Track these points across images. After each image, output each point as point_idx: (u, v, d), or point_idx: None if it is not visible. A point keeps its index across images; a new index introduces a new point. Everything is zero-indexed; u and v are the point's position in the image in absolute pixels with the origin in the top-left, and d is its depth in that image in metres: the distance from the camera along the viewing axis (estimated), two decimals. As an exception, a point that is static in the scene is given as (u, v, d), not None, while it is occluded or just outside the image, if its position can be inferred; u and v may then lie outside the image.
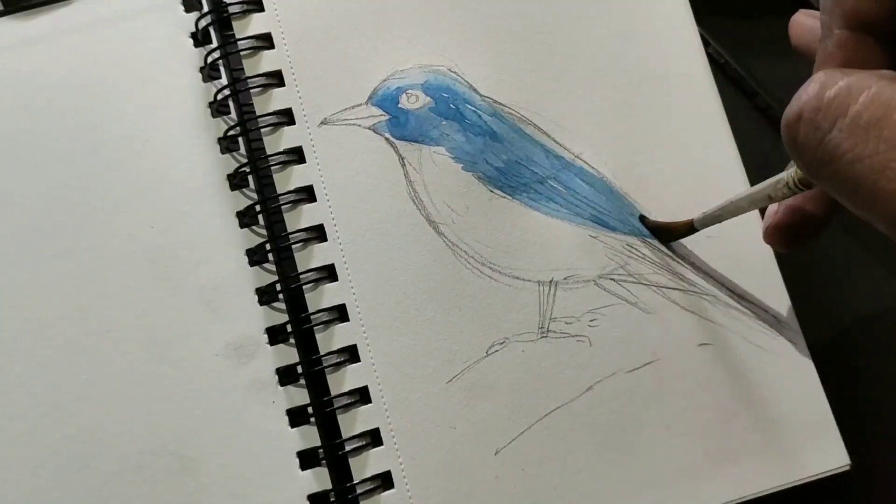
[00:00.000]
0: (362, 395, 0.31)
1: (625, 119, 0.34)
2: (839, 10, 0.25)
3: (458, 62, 0.33)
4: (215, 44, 0.33)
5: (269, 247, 0.32)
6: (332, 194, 0.32)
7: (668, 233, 0.32)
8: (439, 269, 0.32)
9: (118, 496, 0.29)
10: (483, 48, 0.34)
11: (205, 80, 0.33)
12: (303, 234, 0.31)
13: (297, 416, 0.31)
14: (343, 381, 0.31)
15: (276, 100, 0.32)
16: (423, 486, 0.30)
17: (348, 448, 0.30)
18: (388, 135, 0.32)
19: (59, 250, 0.31)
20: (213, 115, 0.33)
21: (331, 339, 0.31)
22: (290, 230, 0.31)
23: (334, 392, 0.30)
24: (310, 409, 0.30)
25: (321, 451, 0.30)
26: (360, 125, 0.32)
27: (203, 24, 0.33)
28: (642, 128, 0.34)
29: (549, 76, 0.34)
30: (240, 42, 0.33)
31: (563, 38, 0.34)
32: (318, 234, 0.32)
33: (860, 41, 0.25)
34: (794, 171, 0.25)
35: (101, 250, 0.31)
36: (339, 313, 0.31)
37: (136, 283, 0.31)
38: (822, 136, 0.21)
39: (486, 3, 0.34)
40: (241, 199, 0.32)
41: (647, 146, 0.34)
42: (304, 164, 0.32)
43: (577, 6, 0.35)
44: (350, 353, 0.31)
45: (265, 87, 0.33)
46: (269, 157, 0.32)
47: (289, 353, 0.31)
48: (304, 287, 0.31)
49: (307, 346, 0.31)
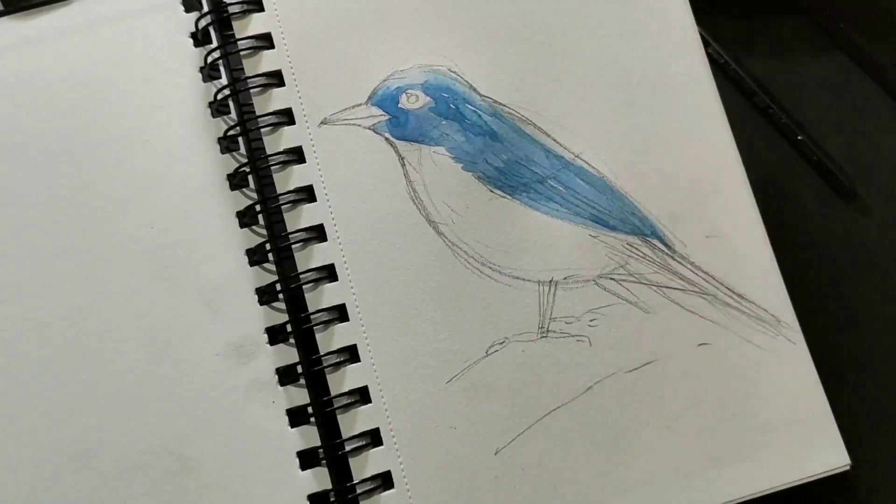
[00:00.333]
0: (362, 395, 0.31)
1: (625, 119, 0.34)
2: None
3: (458, 62, 0.33)
4: (215, 44, 0.33)
5: (269, 247, 0.32)
6: (332, 194, 0.32)
7: None
8: (439, 269, 0.32)
9: (118, 496, 0.29)
10: (483, 48, 0.34)
11: (205, 80, 0.33)
12: (303, 234, 0.31)
13: (297, 416, 0.31)
14: (343, 381, 0.31)
15: (276, 100, 0.32)
16: (423, 486, 0.30)
17: (348, 448, 0.30)
18: (388, 135, 0.32)
19: (59, 250, 0.31)
20: (213, 115, 0.33)
21: (331, 339, 0.31)
22: (290, 230, 0.31)
23: (334, 392, 0.30)
24: (310, 409, 0.30)
25: (321, 451, 0.30)
26: (360, 125, 0.32)
27: (203, 24, 0.33)
28: (642, 128, 0.34)
29: (549, 76, 0.34)
30: (240, 42, 0.33)
31: (563, 38, 0.34)
32: (318, 234, 0.32)
33: None
34: None
35: (101, 250, 0.31)
36: (339, 313, 0.31)
37: (136, 283, 0.31)
38: None
39: (486, 3, 0.34)
40: (241, 199, 0.32)
41: (647, 146, 0.34)
42: (304, 164, 0.32)
43: (577, 6, 0.35)
44: (350, 353, 0.31)
45: (265, 87, 0.33)
46: (269, 157, 0.32)
47: (289, 353, 0.31)
48: (304, 287, 0.31)
49: (307, 346, 0.31)
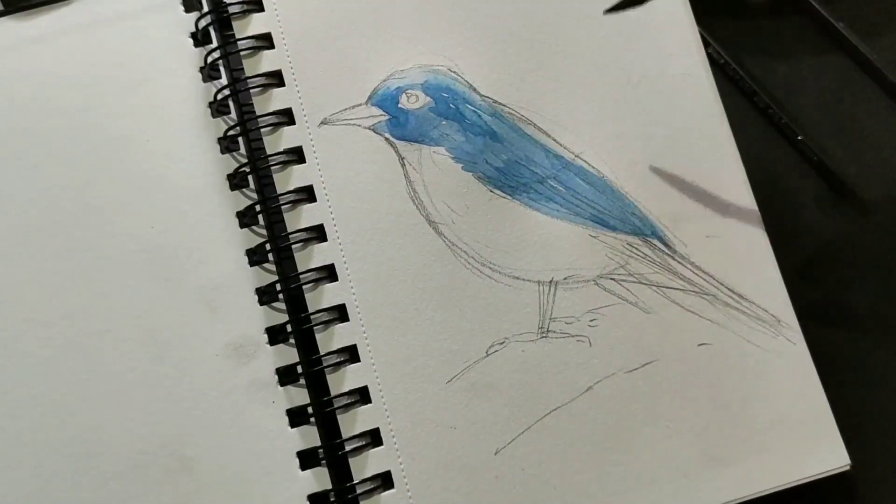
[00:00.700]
0: (362, 395, 0.31)
1: (625, 119, 0.34)
2: None
3: (458, 62, 0.33)
4: (215, 44, 0.33)
5: (269, 247, 0.32)
6: (332, 194, 0.32)
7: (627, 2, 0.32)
8: (439, 269, 0.32)
9: (118, 496, 0.29)
10: (483, 48, 0.34)
11: (205, 80, 0.33)
12: (303, 234, 0.31)
13: (297, 416, 0.31)
14: (343, 381, 0.31)
15: (276, 100, 0.32)
16: (423, 486, 0.30)
17: (348, 448, 0.30)
18: (388, 135, 0.32)
19: (59, 250, 0.31)
20: (213, 115, 0.33)
21: (331, 339, 0.31)
22: (290, 230, 0.31)
23: (334, 392, 0.30)
24: (310, 409, 0.30)
25: (321, 451, 0.30)
26: (360, 125, 0.32)
27: (203, 24, 0.33)
28: (642, 128, 0.34)
29: (549, 76, 0.34)
30: (240, 42, 0.33)
31: (563, 38, 0.34)
32: (318, 234, 0.32)
33: None
34: None
35: (101, 250, 0.31)
36: (339, 313, 0.31)
37: (136, 283, 0.31)
38: None
39: (486, 3, 0.34)
40: (241, 199, 0.32)
41: (647, 146, 0.34)
42: (304, 164, 0.32)
43: (578, 6, 0.35)
44: (350, 353, 0.31)
45: (265, 87, 0.33)
46: (269, 157, 0.32)
47: (289, 353, 0.31)
48: (304, 287, 0.31)
49: (307, 346, 0.31)
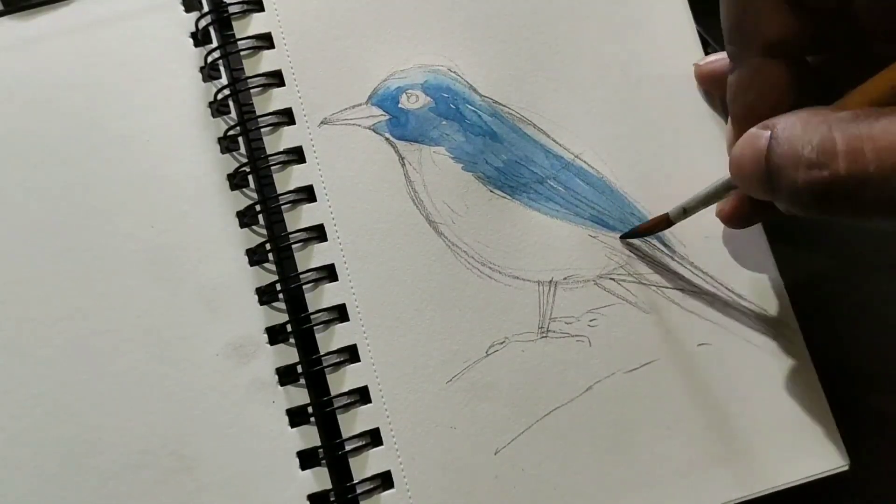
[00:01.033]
0: (362, 395, 0.31)
1: (625, 119, 0.34)
2: (752, 40, 0.27)
3: (458, 62, 0.33)
4: (215, 44, 0.33)
5: (269, 247, 0.32)
6: (332, 194, 0.32)
7: (647, 230, 0.32)
8: (439, 269, 0.32)
9: (118, 496, 0.29)
10: (483, 48, 0.34)
11: (205, 80, 0.33)
12: (303, 234, 0.31)
13: (297, 416, 0.31)
14: (343, 380, 0.31)
15: (276, 100, 0.32)
16: (423, 486, 0.30)
17: (348, 448, 0.30)
18: (388, 135, 0.32)
19: (59, 250, 0.31)
20: (213, 115, 0.33)
21: (331, 339, 0.31)
22: (290, 230, 0.31)
23: (334, 392, 0.30)
24: (310, 409, 0.30)
25: (321, 451, 0.30)
26: (360, 125, 0.32)
27: (203, 24, 0.33)
28: (642, 128, 0.34)
29: (549, 76, 0.34)
30: (240, 42, 0.33)
31: (563, 38, 0.34)
32: (318, 234, 0.32)
33: (773, 66, 0.27)
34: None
35: (101, 250, 0.31)
36: (339, 313, 0.31)
37: (136, 283, 0.31)
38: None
39: (486, 3, 0.34)
40: (241, 199, 0.32)
41: (647, 146, 0.34)
42: (304, 164, 0.32)
43: (578, 6, 0.35)
44: (350, 353, 0.31)
45: (265, 86, 0.33)
46: (269, 157, 0.32)
47: (289, 353, 0.31)
48: (304, 287, 0.31)
49: (307, 346, 0.31)
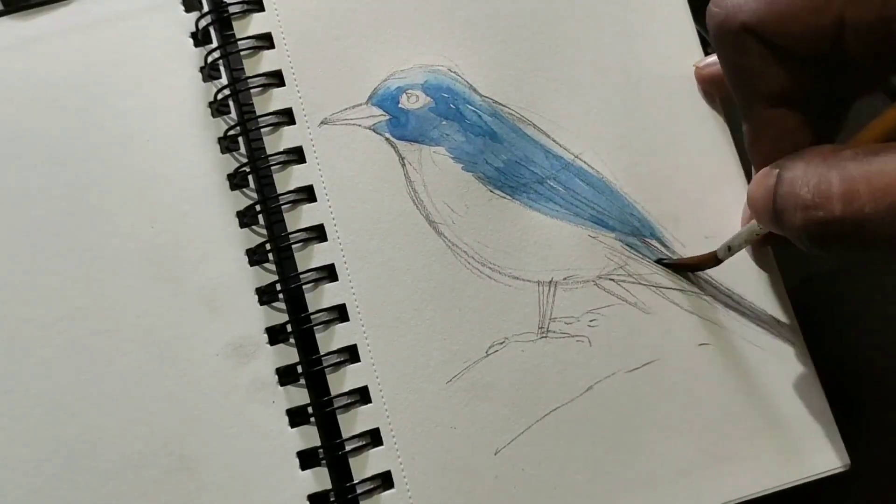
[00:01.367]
0: (362, 395, 0.31)
1: (625, 119, 0.34)
2: (758, 93, 0.26)
3: (458, 62, 0.33)
4: (215, 44, 0.33)
5: (269, 247, 0.32)
6: (332, 194, 0.32)
7: (692, 267, 0.32)
8: (439, 269, 0.32)
9: (118, 496, 0.29)
10: (483, 48, 0.34)
11: (205, 80, 0.33)
12: (303, 234, 0.31)
13: (297, 416, 0.31)
14: (343, 381, 0.31)
15: (276, 100, 0.32)
16: (423, 486, 0.30)
17: (348, 448, 0.30)
18: (388, 135, 0.32)
19: (59, 250, 0.31)
20: (213, 115, 0.33)
21: (331, 339, 0.31)
22: (290, 230, 0.31)
23: (334, 392, 0.30)
24: (310, 409, 0.30)
25: (321, 451, 0.30)
26: (360, 125, 0.32)
27: (203, 24, 0.33)
28: (642, 128, 0.34)
29: (549, 76, 0.34)
30: (240, 42, 0.33)
31: (563, 38, 0.34)
32: (318, 234, 0.32)
33: (781, 115, 0.26)
34: None
35: (101, 250, 0.31)
36: (339, 313, 0.31)
37: (136, 283, 0.31)
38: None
39: (486, 3, 0.34)
40: (241, 199, 0.32)
41: (647, 146, 0.34)
42: (304, 164, 0.32)
43: (578, 6, 0.35)
44: (350, 353, 0.31)
45: (265, 87, 0.33)
46: (269, 157, 0.32)
47: (289, 353, 0.31)
48: (304, 287, 0.31)
49: (307, 346, 0.31)
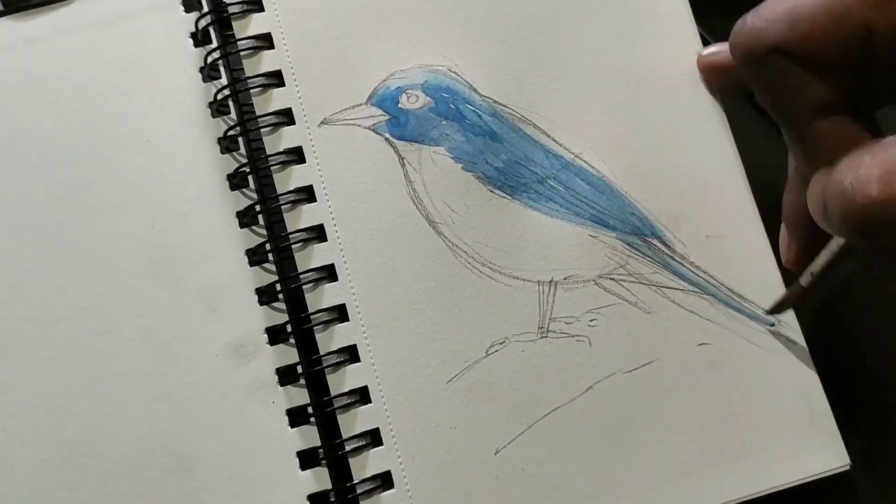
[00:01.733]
0: (362, 395, 0.31)
1: (625, 119, 0.34)
2: (801, 108, 0.26)
3: (458, 62, 0.33)
4: (215, 44, 0.33)
5: (269, 247, 0.32)
6: (332, 194, 0.32)
7: (787, 305, 0.32)
8: (439, 269, 0.32)
9: (118, 496, 0.29)
10: (483, 48, 0.34)
11: (205, 80, 0.33)
12: (303, 234, 0.31)
13: (297, 416, 0.31)
14: (343, 381, 0.31)
15: (276, 100, 0.32)
16: (423, 486, 0.30)
17: (348, 448, 0.30)
18: (388, 135, 0.32)
19: (59, 250, 0.31)
20: (213, 115, 0.33)
21: (331, 339, 0.31)
22: (290, 230, 0.31)
23: (334, 392, 0.30)
24: (310, 409, 0.30)
25: (321, 451, 0.30)
26: (360, 125, 0.32)
27: (203, 24, 0.33)
28: (642, 128, 0.34)
29: (549, 76, 0.34)
30: (240, 42, 0.33)
31: (563, 38, 0.34)
32: (318, 234, 0.32)
33: (835, 122, 0.25)
34: None
35: (101, 250, 0.31)
36: (339, 313, 0.31)
37: (136, 283, 0.31)
38: None
39: (486, 3, 0.34)
40: (241, 199, 0.32)
41: (647, 146, 0.34)
42: (304, 164, 0.32)
43: (578, 6, 0.35)
44: (350, 353, 0.31)
45: (265, 87, 0.33)
46: (269, 157, 0.32)
47: (289, 353, 0.31)
48: (304, 287, 0.31)
49: (307, 346, 0.31)
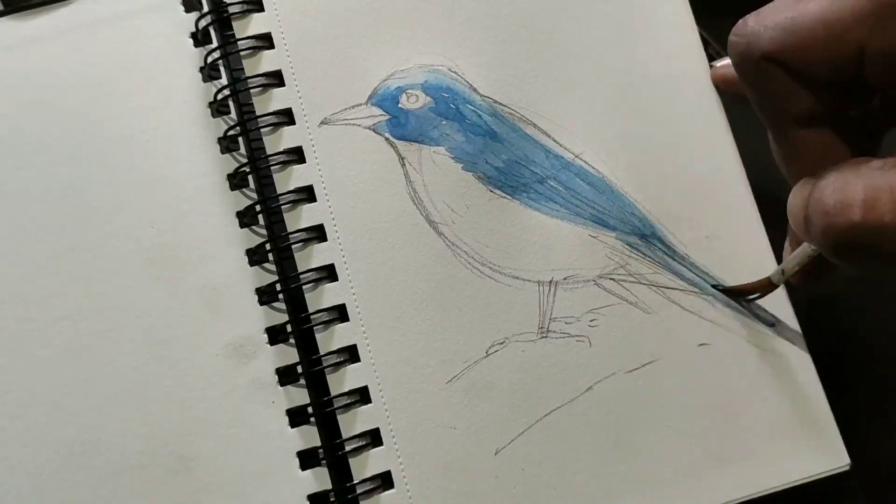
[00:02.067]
0: (362, 395, 0.31)
1: (625, 119, 0.34)
2: (787, 115, 0.26)
3: (458, 62, 0.33)
4: (215, 44, 0.33)
5: (269, 247, 0.32)
6: (332, 194, 0.32)
7: (746, 292, 0.32)
8: (439, 269, 0.32)
9: (118, 496, 0.29)
10: (483, 48, 0.34)
11: (205, 80, 0.33)
12: (303, 234, 0.31)
13: (297, 416, 0.31)
14: (343, 381, 0.31)
15: (276, 100, 0.32)
16: (423, 486, 0.30)
17: (348, 448, 0.30)
18: (388, 135, 0.32)
19: (59, 250, 0.31)
20: (213, 115, 0.33)
21: (331, 339, 0.31)
22: (290, 230, 0.31)
23: (334, 392, 0.30)
24: (310, 409, 0.30)
25: (321, 451, 0.30)
26: (360, 125, 0.32)
27: (203, 24, 0.33)
28: (642, 128, 0.34)
29: (549, 76, 0.34)
30: (240, 42, 0.33)
31: (563, 37, 0.34)
32: (318, 234, 0.32)
33: (816, 134, 0.25)
34: None
35: (101, 250, 0.31)
36: (339, 313, 0.31)
37: (136, 283, 0.31)
38: None
39: (486, 3, 0.34)
40: (241, 199, 0.32)
41: (647, 146, 0.34)
42: (304, 164, 0.32)
43: (578, 6, 0.35)
44: (350, 353, 0.31)
45: (265, 87, 0.33)
46: (269, 157, 0.32)
47: (289, 353, 0.31)
48: (304, 287, 0.31)
49: (307, 346, 0.31)
